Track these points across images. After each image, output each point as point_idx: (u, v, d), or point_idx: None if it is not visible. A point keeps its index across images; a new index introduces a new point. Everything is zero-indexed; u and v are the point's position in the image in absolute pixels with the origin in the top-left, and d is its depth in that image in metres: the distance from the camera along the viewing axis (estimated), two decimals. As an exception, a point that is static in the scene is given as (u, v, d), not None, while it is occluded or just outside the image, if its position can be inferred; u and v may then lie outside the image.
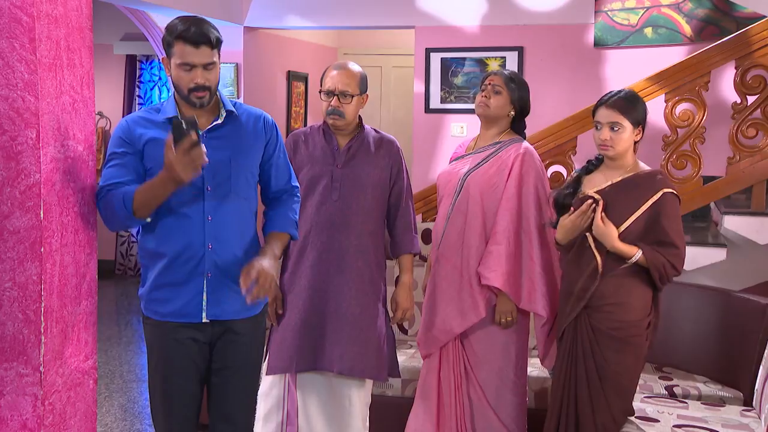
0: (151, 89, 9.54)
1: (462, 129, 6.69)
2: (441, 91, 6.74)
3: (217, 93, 3.06)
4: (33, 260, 2.72)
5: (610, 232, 3.34)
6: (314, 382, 3.70)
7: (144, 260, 3.08)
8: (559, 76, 6.41)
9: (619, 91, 3.52)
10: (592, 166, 3.58)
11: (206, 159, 2.78)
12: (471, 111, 6.63)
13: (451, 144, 6.62)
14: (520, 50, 6.51)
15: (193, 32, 2.88)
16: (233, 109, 3.08)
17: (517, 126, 3.87)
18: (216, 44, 2.93)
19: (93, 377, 3.07)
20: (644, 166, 3.50)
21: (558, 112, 5.82)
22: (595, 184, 3.51)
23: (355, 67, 3.66)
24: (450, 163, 3.99)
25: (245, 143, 3.08)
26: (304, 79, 8.26)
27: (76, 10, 2.88)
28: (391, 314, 3.78)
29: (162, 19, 7.16)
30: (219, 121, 3.03)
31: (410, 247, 3.77)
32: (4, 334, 2.74)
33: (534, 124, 3.95)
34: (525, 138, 3.89)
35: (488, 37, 6.62)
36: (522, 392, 3.86)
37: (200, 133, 2.79)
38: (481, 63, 6.63)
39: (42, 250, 2.72)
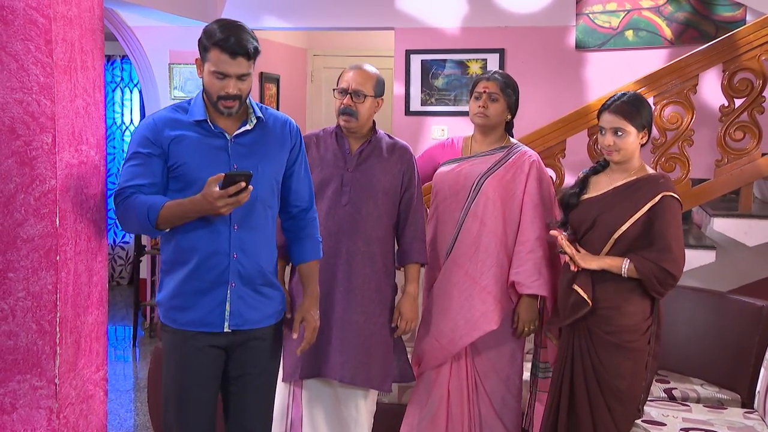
0: (113, 90, 9.36)
1: (443, 131, 6.65)
2: (421, 93, 6.69)
3: (248, 99, 2.97)
4: (48, 269, 2.64)
5: (591, 259, 3.37)
6: (321, 389, 3.64)
7: (166, 266, 2.96)
8: (540, 78, 6.41)
9: (623, 95, 3.49)
10: (600, 167, 3.58)
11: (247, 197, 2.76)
12: (452, 113, 6.68)
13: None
14: (501, 52, 6.49)
15: (232, 42, 2.77)
16: (262, 116, 2.99)
17: (507, 127, 3.82)
18: (254, 55, 2.83)
19: (104, 388, 3.00)
20: (649, 170, 3.49)
21: (540, 114, 5.84)
22: (600, 187, 3.51)
23: (371, 68, 3.59)
24: (448, 163, 3.83)
25: (272, 150, 3.00)
26: (276, 80, 8.16)
27: (89, 11, 2.81)
28: (394, 324, 3.66)
29: (132, 18, 7.02)
30: (248, 127, 2.94)
31: (418, 257, 3.65)
32: (17, 346, 2.66)
33: (516, 126, 3.89)
34: (512, 135, 3.86)
35: (469, 38, 6.59)
36: (521, 396, 3.83)
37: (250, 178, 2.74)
38: (462, 65, 6.61)
39: (58, 258, 2.64)
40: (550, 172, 5.09)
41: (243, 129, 2.93)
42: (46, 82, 2.59)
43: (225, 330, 2.93)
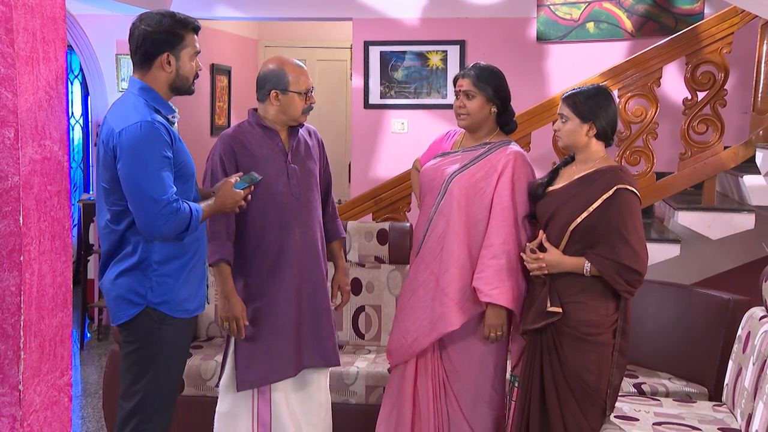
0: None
1: (403, 125, 6.57)
2: (381, 85, 6.59)
3: None
4: (11, 270, 2.51)
5: (552, 267, 3.36)
6: (285, 383, 3.62)
7: (162, 264, 3.05)
8: (502, 71, 6.35)
9: (584, 87, 3.49)
10: (569, 159, 3.56)
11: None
12: (412, 106, 6.61)
13: (391, 140, 6.53)
14: (461, 44, 6.43)
15: (198, 23, 3.16)
16: None
17: (504, 118, 3.66)
18: None
19: (68, 394, 2.86)
20: (612, 162, 3.46)
21: (501, 107, 5.78)
22: (564, 179, 3.49)
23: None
24: (435, 157, 3.72)
25: None
26: (228, 72, 8.00)
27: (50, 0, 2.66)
28: (334, 299, 3.81)
29: (76, 6, 6.78)
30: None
31: (341, 232, 3.87)
32: (-22, 352, 2.52)
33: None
34: (516, 126, 3.74)
35: (429, 30, 6.51)
36: (500, 406, 3.69)
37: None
38: (422, 57, 6.52)
39: (21, 258, 2.51)
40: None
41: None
42: (8, 74, 2.45)
43: (206, 306, 3.28)
